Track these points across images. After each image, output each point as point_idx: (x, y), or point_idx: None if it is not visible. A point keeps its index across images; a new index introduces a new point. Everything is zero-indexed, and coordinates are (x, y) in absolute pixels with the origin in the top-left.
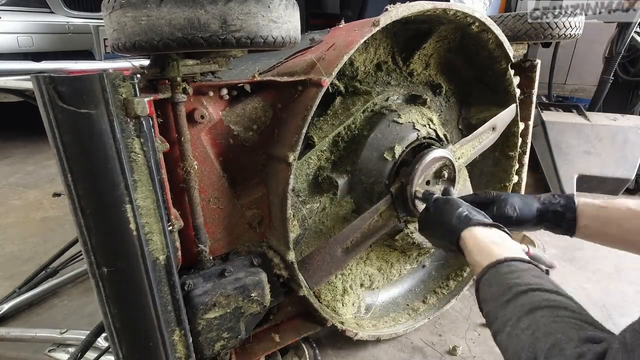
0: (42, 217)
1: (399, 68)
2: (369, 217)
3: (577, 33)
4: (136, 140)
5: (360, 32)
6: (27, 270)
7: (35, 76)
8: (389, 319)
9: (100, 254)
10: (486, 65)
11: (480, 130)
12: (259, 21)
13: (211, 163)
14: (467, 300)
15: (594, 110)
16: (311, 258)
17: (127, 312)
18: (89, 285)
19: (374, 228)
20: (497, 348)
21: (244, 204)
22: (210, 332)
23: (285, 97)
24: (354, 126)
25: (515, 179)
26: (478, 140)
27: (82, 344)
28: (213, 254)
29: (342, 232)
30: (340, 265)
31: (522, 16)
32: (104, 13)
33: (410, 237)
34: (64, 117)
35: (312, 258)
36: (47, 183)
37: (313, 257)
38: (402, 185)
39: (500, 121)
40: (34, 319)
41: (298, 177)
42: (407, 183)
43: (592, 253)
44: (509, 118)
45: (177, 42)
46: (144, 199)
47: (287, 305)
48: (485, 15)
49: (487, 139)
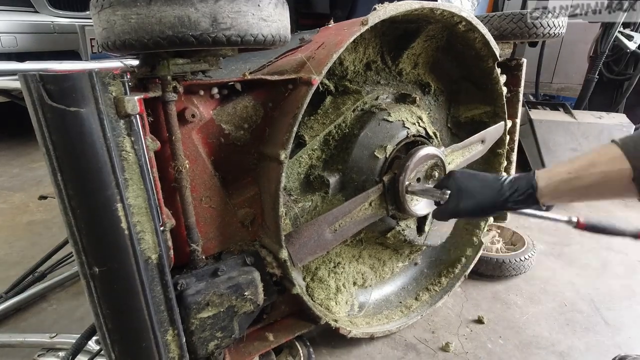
0: (28, 221)
1: (388, 67)
2: (359, 203)
3: (560, 32)
4: (127, 139)
5: (350, 31)
6: (14, 275)
7: (23, 75)
8: (382, 317)
9: (91, 254)
10: (473, 64)
11: (471, 140)
12: (249, 19)
13: (203, 162)
14: (459, 297)
15: (580, 108)
16: (298, 233)
17: (119, 312)
18: (79, 289)
19: (363, 215)
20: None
21: (236, 203)
22: (204, 332)
23: (276, 96)
24: (344, 125)
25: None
26: (468, 149)
27: (73, 347)
28: (206, 253)
29: (331, 212)
30: (326, 246)
31: (508, 16)
32: (93, 12)
33: (402, 234)
34: (53, 115)
35: (300, 233)
36: (34, 186)
37: (300, 233)
38: (395, 176)
39: (489, 135)
40: (22, 324)
41: (290, 176)
42: (399, 174)
43: (580, 248)
44: (498, 134)
45: (167, 41)
46: (135, 198)
47: (281, 304)
48: (471, 15)
49: (476, 149)
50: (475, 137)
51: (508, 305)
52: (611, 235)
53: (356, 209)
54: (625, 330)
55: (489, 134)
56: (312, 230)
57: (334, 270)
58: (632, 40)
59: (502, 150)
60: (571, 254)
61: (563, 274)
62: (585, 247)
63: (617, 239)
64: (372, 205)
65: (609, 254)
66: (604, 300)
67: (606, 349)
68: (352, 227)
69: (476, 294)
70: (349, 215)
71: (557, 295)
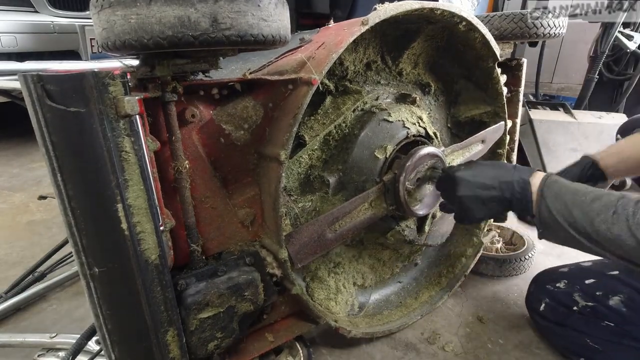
0: (28, 221)
1: (388, 67)
2: (359, 203)
3: (561, 32)
4: (127, 139)
5: (350, 31)
6: (13, 275)
7: (23, 75)
8: (382, 317)
9: (91, 255)
10: (474, 64)
11: (471, 140)
12: (249, 19)
13: (203, 162)
14: (459, 297)
15: (580, 108)
16: (299, 233)
17: (119, 313)
18: (79, 289)
19: (363, 215)
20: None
21: (236, 203)
22: (204, 332)
23: (276, 96)
24: (344, 125)
25: None
26: (468, 149)
27: (73, 348)
28: (206, 254)
29: (331, 212)
30: (327, 246)
31: (508, 16)
32: (93, 12)
33: (402, 234)
34: (53, 116)
35: (300, 233)
36: (33, 186)
37: (301, 233)
38: (395, 176)
39: (489, 135)
40: (22, 323)
41: (290, 176)
42: (400, 174)
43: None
44: (498, 134)
45: (167, 41)
46: (135, 199)
47: (281, 305)
48: (472, 15)
49: (476, 149)
50: (476, 137)
51: (508, 305)
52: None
53: (356, 209)
54: None
55: (489, 134)
56: (312, 230)
57: (334, 270)
58: (632, 40)
59: (502, 150)
60: (571, 254)
61: None
62: None
63: None
64: (372, 205)
65: None
66: None
67: None
68: (352, 227)
69: (476, 294)
70: (349, 215)
71: None
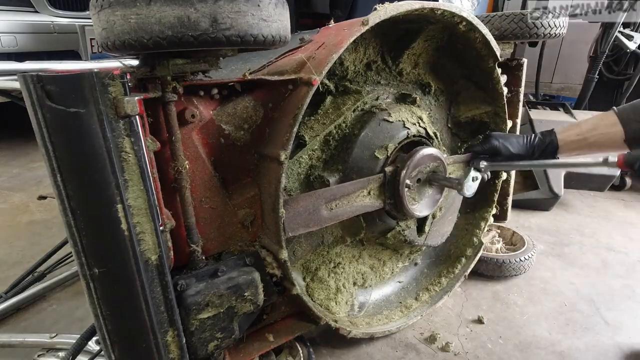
0: (28, 221)
1: (388, 67)
2: (359, 187)
3: (561, 32)
4: (126, 140)
5: (350, 31)
6: (14, 275)
7: (22, 75)
8: (382, 317)
9: (91, 255)
10: (474, 64)
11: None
12: (249, 19)
13: (202, 162)
14: (459, 297)
15: (580, 108)
16: (295, 201)
17: (119, 313)
18: (79, 289)
19: (360, 202)
20: (489, 343)
21: (236, 204)
22: (204, 332)
23: (276, 96)
24: (344, 125)
25: (504, 176)
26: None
27: (73, 348)
28: (205, 254)
29: (330, 188)
30: (320, 223)
31: (508, 16)
32: (92, 12)
33: (402, 234)
34: (53, 116)
35: (296, 202)
36: (33, 186)
37: (297, 202)
38: (397, 169)
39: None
40: (22, 323)
41: (290, 177)
42: (402, 168)
43: (580, 248)
44: None
45: (167, 41)
46: (135, 199)
47: (281, 305)
48: (472, 15)
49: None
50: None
51: (508, 305)
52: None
53: (354, 193)
54: (625, 330)
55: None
56: (308, 201)
57: (334, 271)
58: (632, 40)
59: None
60: (571, 253)
61: (563, 274)
62: (585, 246)
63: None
64: (371, 194)
65: (609, 254)
66: (604, 300)
67: (606, 349)
68: (347, 210)
69: (476, 294)
70: (347, 197)
71: (557, 295)
